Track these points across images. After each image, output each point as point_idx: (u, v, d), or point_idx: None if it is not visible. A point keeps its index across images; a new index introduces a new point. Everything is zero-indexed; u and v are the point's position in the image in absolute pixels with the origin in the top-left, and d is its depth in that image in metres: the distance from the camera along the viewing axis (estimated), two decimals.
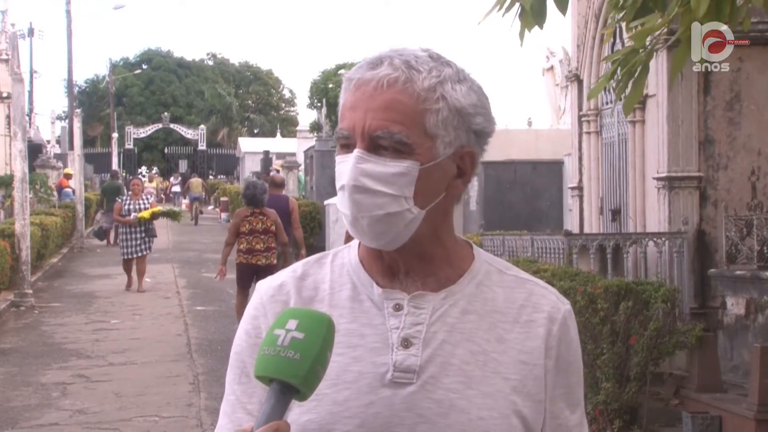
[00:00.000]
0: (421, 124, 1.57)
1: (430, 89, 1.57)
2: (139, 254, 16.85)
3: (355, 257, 1.69)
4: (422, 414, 1.56)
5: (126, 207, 16.76)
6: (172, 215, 18.92)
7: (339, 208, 1.61)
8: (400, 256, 1.62)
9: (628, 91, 4.47)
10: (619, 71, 4.40)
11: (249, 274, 11.50)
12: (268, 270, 11.11)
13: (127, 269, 17.11)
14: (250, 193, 11.68)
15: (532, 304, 1.66)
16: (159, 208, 17.66)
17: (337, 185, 1.59)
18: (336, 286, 1.67)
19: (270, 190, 12.49)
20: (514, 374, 1.60)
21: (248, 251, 11.54)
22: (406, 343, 1.59)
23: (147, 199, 17.23)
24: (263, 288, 1.71)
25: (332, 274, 1.69)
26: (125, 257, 16.95)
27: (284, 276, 1.71)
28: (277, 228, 11.64)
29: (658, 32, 4.47)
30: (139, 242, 16.69)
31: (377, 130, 1.55)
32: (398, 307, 1.62)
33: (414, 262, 1.63)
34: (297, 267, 1.72)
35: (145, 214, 16.55)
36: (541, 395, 1.62)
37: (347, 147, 1.58)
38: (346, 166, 1.56)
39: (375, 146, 1.56)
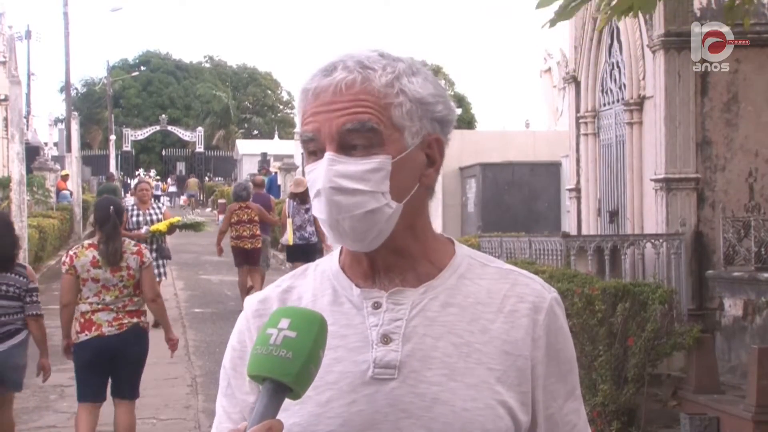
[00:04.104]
0: (387, 116, 1.58)
1: (388, 85, 1.58)
2: None
3: (335, 264, 1.70)
4: (405, 409, 1.56)
5: (134, 218, 13.30)
6: (195, 226, 14.80)
7: (316, 214, 1.62)
8: (379, 255, 1.63)
9: None
10: None
11: (240, 256, 14.45)
12: (253, 252, 14.38)
13: None
14: (237, 191, 14.92)
15: (515, 294, 1.66)
16: (178, 218, 14.06)
17: (312, 192, 1.60)
18: (318, 293, 1.68)
19: (254, 190, 15.62)
20: (498, 365, 1.60)
21: (237, 237, 14.31)
22: (385, 339, 1.60)
23: (159, 208, 14.01)
24: (248, 304, 1.74)
25: (314, 282, 1.70)
26: None
27: (269, 291, 1.74)
28: (261, 216, 14.39)
29: None
30: None
31: (346, 124, 1.56)
32: (377, 305, 1.62)
33: (392, 259, 1.64)
34: (283, 281, 1.75)
35: (161, 226, 13.18)
36: (526, 386, 1.61)
37: (315, 154, 1.60)
38: (319, 171, 1.57)
39: (345, 146, 1.56)
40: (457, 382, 1.57)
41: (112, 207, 6.93)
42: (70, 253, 6.86)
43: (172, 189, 48.26)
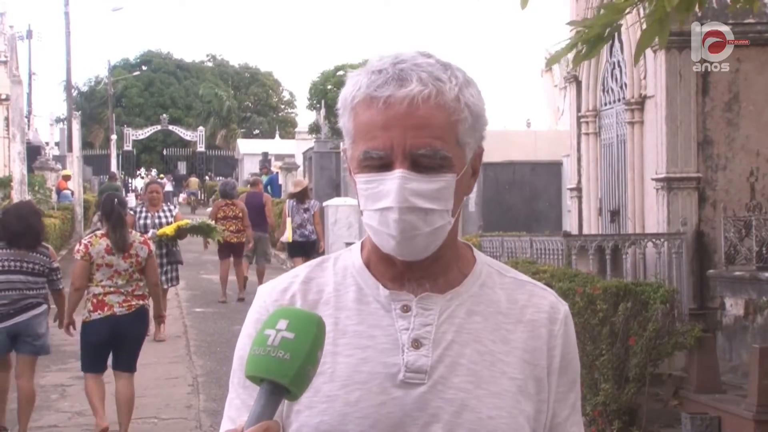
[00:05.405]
0: (454, 135, 1.59)
1: (456, 99, 1.58)
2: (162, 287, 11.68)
3: (358, 260, 1.69)
4: (434, 414, 1.58)
5: (142, 221, 12.41)
6: (206, 230, 13.64)
7: (376, 227, 1.59)
8: (419, 262, 1.63)
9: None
10: (580, 44, 4.39)
11: (226, 249, 15.26)
12: (238, 246, 15.45)
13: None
14: (224, 189, 15.83)
15: (533, 305, 1.68)
16: (187, 221, 13.13)
17: (375, 206, 1.58)
18: (340, 288, 1.68)
19: (250, 188, 17.06)
20: (519, 374, 1.63)
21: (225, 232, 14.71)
22: (416, 343, 1.61)
23: (170, 210, 12.90)
24: (266, 292, 1.72)
25: (335, 276, 1.69)
26: None
27: (288, 281, 1.72)
28: (243, 215, 15.33)
29: (626, 11, 4.47)
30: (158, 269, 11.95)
31: (421, 149, 1.55)
32: (406, 309, 1.63)
33: (429, 265, 1.65)
34: (299, 271, 1.73)
35: (168, 229, 12.19)
36: (543, 395, 1.65)
37: (378, 166, 1.57)
38: (390, 187, 1.56)
39: (415, 164, 1.56)
40: (483, 389, 1.60)
41: (116, 200, 7.95)
42: (84, 241, 7.79)
43: (169, 188, 48.20)
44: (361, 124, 1.59)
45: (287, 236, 15.42)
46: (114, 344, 7.62)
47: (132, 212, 12.47)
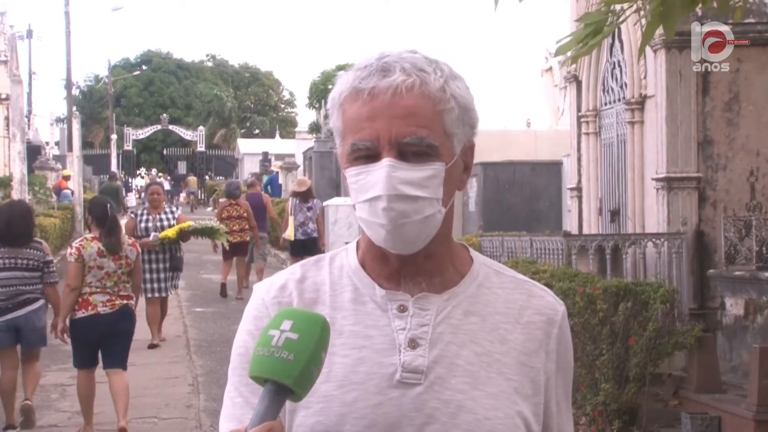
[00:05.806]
0: (441, 125, 1.59)
1: (441, 90, 1.59)
2: (162, 294, 12.00)
3: (354, 260, 1.69)
4: (431, 414, 1.57)
5: (143, 224, 11.93)
6: (209, 232, 13.41)
7: (367, 218, 1.60)
8: (412, 258, 1.63)
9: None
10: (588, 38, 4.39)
11: (229, 248, 15.20)
12: (241, 245, 15.74)
13: (152, 316, 11.89)
14: (228, 189, 16.36)
15: (532, 306, 1.69)
16: (189, 223, 12.54)
17: (365, 197, 1.59)
18: (337, 288, 1.68)
19: (248, 190, 17.61)
20: (515, 375, 1.63)
21: (229, 232, 14.73)
22: (413, 343, 1.61)
23: (173, 213, 12.35)
24: (263, 289, 1.72)
25: (331, 276, 1.69)
26: (147, 295, 11.56)
27: (284, 278, 1.72)
28: (248, 214, 15.76)
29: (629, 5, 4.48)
30: (161, 275, 11.90)
31: (406, 137, 1.56)
32: (402, 309, 1.63)
33: (424, 262, 1.65)
34: (296, 269, 1.72)
35: (170, 232, 11.76)
36: (539, 398, 1.65)
37: (366, 158, 1.58)
38: (378, 176, 1.56)
39: (402, 153, 1.57)
40: (480, 390, 1.60)
41: (108, 204, 8.17)
42: (76, 245, 7.99)
43: (167, 188, 48.35)
44: (348, 120, 1.60)
45: (289, 234, 15.75)
46: (101, 343, 7.83)
47: (133, 215, 12.46)
